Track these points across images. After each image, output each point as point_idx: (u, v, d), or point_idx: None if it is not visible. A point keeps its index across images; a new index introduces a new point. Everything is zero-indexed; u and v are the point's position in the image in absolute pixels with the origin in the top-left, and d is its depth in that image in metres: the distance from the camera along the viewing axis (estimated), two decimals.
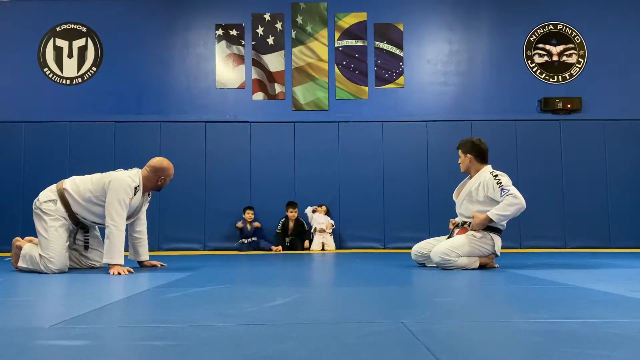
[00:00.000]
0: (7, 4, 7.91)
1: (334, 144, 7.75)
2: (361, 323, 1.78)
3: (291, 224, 7.34)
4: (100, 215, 3.84)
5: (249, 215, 7.38)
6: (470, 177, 4.12)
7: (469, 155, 4.09)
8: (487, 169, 4.05)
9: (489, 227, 3.94)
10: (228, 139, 7.76)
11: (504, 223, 3.98)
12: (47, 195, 3.91)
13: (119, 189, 3.76)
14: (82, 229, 4.06)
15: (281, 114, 7.81)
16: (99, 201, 3.83)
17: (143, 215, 4.13)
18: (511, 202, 3.79)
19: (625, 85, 7.86)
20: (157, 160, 4.02)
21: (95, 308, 2.12)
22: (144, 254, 4.16)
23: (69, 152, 7.63)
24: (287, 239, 7.32)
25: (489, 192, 3.90)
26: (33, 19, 7.90)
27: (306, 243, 7.26)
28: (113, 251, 3.68)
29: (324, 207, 7.50)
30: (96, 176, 3.93)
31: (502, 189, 3.84)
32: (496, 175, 3.93)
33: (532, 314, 1.94)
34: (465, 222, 4.02)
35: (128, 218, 3.92)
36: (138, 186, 3.88)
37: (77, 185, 3.89)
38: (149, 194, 4.13)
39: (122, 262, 3.71)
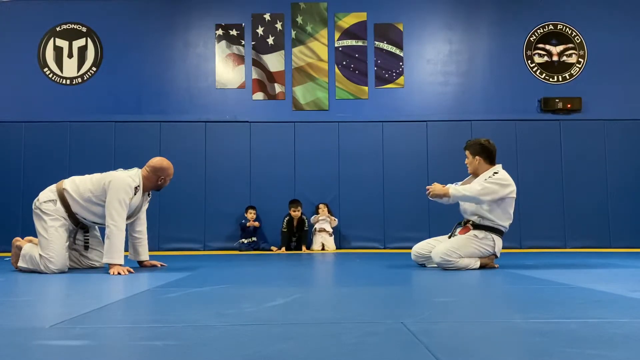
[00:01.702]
0: (7, 4, 7.91)
1: (334, 144, 7.75)
2: (361, 323, 1.78)
3: (295, 222, 7.33)
4: (100, 215, 3.84)
5: (251, 214, 7.39)
6: (476, 176, 4.12)
7: (477, 157, 4.06)
8: (494, 168, 4.05)
9: (491, 227, 3.95)
10: (228, 139, 7.76)
11: (506, 224, 3.99)
12: (47, 196, 3.91)
13: (119, 189, 3.77)
14: (82, 229, 4.07)
15: (281, 114, 7.80)
16: (99, 201, 3.83)
17: (143, 215, 4.13)
18: (474, 187, 3.87)
19: (625, 85, 7.86)
20: (157, 160, 4.02)
21: (95, 308, 2.12)
22: (144, 254, 4.15)
23: (69, 152, 7.63)
24: (293, 239, 7.30)
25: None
26: (33, 19, 7.90)
27: (304, 248, 7.21)
28: (113, 251, 3.68)
29: (323, 208, 7.42)
30: (96, 176, 3.93)
31: (489, 177, 3.89)
32: (496, 173, 3.95)
33: (532, 314, 1.94)
34: (469, 221, 4.02)
35: (128, 218, 3.92)
36: (138, 186, 3.89)
37: (77, 185, 3.89)
38: (148, 194, 4.14)
39: (122, 262, 3.71)
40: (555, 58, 7.94)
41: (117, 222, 3.72)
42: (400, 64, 7.92)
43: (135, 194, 3.86)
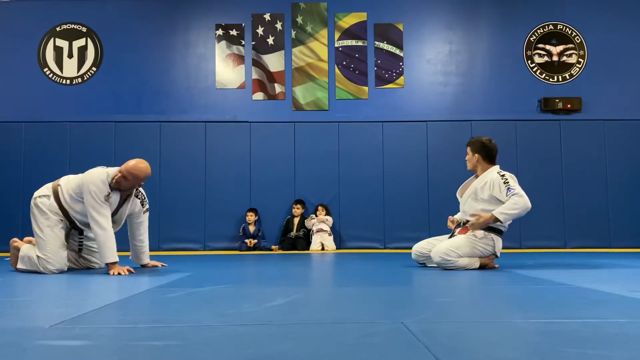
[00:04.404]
0: (7, 4, 7.91)
1: (334, 144, 7.75)
2: (361, 323, 1.78)
3: (296, 221, 7.39)
4: (84, 214, 3.80)
5: (250, 216, 7.40)
6: (477, 176, 4.12)
7: (477, 154, 4.09)
8: (495, 169, 4.05)
9: (490, 227, 3.94)
10: (228, 139, 7.76)
11: (506, 224, 3.99)
12: (42, 191, 3.94)
13: (90, 186, 3.70)
14: (77, 230, 4.04)
15: (281, 114, 7.80)
16: (79, 198, 3.79)
17: (144, 225, 4.09)
18: (517, 202, 3.81)
19: (625, 85, 7.86)
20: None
21: (95, 308, 2.12)
22: (145, 259, 4.17)
23: (69, 152, 7.63)
24: (291, 233, 7.33)
25: (494, 192, 3.91)
26: (33, 19, 7.90)
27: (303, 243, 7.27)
28: (104, 251, 3.67)
29: (322, 210, 7.40)
30: (79, 176, 3.92)
31: (508, 188, 3.85)
32: (503, 175, 3.94)
33: (532, 314, 1.94)
34: (469, 221, 4.01)
35: (115, 223, 3.86)
36: (111, 182, 3.77)
37: (68, 182, 3.90)
38: (141, 202, 4.02)
39: (117, 259, 3.68)
40: (555, 58, 7.93)
41: (99, 222, 3.68)
42: (400, 64, 7.92)
43: (111, 190, 3.76)
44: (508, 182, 3.88)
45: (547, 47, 7.94)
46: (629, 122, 7.78)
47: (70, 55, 7.89)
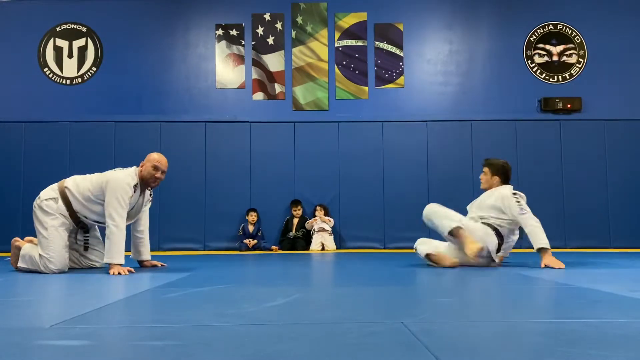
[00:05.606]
0: (7, 4, 7.91)
1: (334, 144, 7.75)
2: (361, 323, 1.78)
3: (295, 221, 7.42)
4: (101, 214, 3.84)
5: (251, 217, 7.40)
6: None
7: (496, 177, 4.24)
8: (507, 187, 4.21)
9: (490, 226, 4.04)
10: (228, 139, 7.76)
11: (504, 225, 4.08)
12: (49, 194, 3.92)
13: (116, 189, 3.76)
14: (82, 229, 4.06)
15: (281, 114, 7.81)
16: (99, 200, 3.83)
17: (145, 215, 4.13)
18: (536, 224, 3.97)
19: (625, 85, 7.86)
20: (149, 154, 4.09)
21: (95, 308, 2.12)
22: (146, 254, 4.16)
23: (69, 152, 7.63)
24: (290, 234, 7.34)
25: (503, 204, 4.03)
26: (33, 19, 7.90)
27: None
28: (113, 250, 3.68)
29: (320, 210, 7.41)
30: (95, 176, 3.94)
31: (521, 208, 3.99)
32: (515, 193, 4.08)
33: (532, 314, 1.94)
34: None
35: (129, 217, 3.92)
36: (137, 184, 3.89)
37: (78, 184, 3.90)
38: (150, 194, 4.14)
39: (123, 262, 3.70)
40: (555, 58, 7.93)
41: (116, 221, 3.72)
42: (400, 64, 7.92)
43: (134, 192, 3.86)
44: (520, 203, 4.01)
45: (547, 47, 7.94)
46: (629, 122, 7.78)
47: (70, 55, 7.89)
